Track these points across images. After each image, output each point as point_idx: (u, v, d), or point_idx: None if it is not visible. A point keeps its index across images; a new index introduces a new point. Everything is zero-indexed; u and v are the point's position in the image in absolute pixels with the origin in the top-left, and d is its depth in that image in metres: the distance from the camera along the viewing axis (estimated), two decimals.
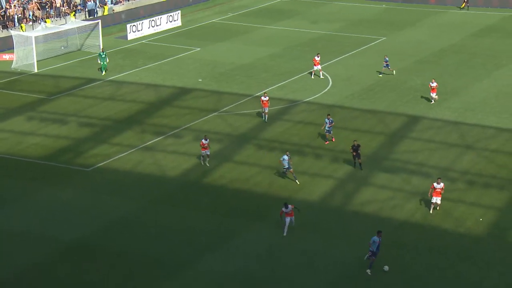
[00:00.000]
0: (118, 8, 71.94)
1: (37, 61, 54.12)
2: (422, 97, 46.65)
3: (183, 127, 42.64)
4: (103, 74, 52.63)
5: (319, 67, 50.75)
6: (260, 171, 36.48)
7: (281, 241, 29.95)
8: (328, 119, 39.05)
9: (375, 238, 27.14)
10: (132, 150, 39.45)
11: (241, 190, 34.62)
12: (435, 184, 31.33)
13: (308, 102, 46.57)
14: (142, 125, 43.17)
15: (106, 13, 69.81)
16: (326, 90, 48.93)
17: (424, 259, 28.32)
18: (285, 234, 29.92)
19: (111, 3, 71.60)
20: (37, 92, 49.35)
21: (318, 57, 50.84)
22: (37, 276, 27.61)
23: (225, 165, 37.27)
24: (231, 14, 73.45)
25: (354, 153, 35.80)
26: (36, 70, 53.79)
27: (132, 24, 64.46)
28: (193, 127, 42.72)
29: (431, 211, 31.69)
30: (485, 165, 36.82)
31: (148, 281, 27.21)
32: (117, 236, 30.53)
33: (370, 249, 27.10)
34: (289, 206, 29.90)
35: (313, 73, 51.05)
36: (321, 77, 50.63)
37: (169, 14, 68.33)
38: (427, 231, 30.58)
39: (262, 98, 42.54)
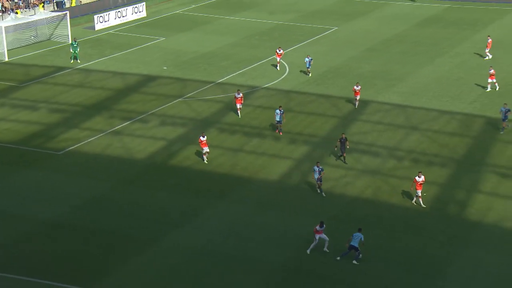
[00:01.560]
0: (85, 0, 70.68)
1: (7, 50, 52.87)
2: (371, 82, 47.20)
3: (150, 113, 42.32)
4: (71, 62, 51.78)
5: (279, 59, 50.09)
6: (223, 153, 36.51)
7: (242, 218, 30.13)
8: (279, 110, 38.35)
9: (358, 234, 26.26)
10: (101, 134, 39.02)
11: (205, 171, 34.60)
12: (416, 178, 30.58)
13: (267, 88, 46.67)
14: (110, 111, 42.68)
15: (73, 4, 68.48)
16: (283, 76, 49.08)
17: (374, 231, 28.83)
18: (308, 251, 27.17)
19: None
20: (8, 80, 48.27)
21: (280, 50, 50.16)
22: (15, 253, 27.25)
23: (189, 147, 37.18)
24: (194, 6, 72.85)
25: (341, 147, 34.65)
26: (6, 59, 52.57)
27: (99, 15, 63.44)
28: (159, 112, 42.44)
29: (414, 202, 30.90)
30: (428, 144, 37.54)
31: (120, 255, 27.13)
32: (89, 215, 30.30)
33: (352, 243, 26.05)
34: (323, 225, 26.98)
35: (278, 65, 50.08)
36: (277, 69, 50.23)
37: (134, 6, 67.45)
38: (376, 206, 31.13)
39: (236, 95, 40.80)
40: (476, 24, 63.35)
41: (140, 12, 67.55)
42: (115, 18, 64.47)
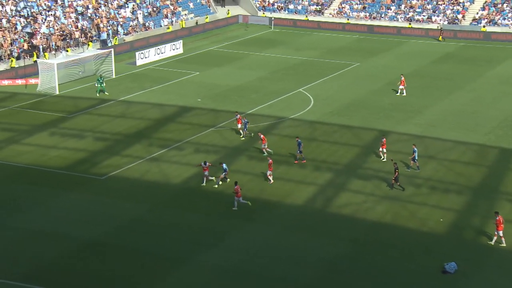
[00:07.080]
0: (128, 38, 72.18)
1: (58, 84, 54.03)
2: (390, 114, 46.97)
3: (185, 141, 42.72)
4: (97, 95, 52.62)
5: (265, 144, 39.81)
6: (252, 179, 36.53)
7: (269, 239, 30.01)
8: (297, 139, 37.59)
9: None
10: (141, 160, 39.46)
11: (231, 195, 34.46)
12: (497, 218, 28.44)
13: (293, 119, 46.78)
14: (149, 139, 43.20)
15: (116, 42, 69.97)
16: (308, 108, 49.18)
17: (392, 254, 28.44)
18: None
19: (123, 34, 71.81)
20: (58, 111, 49.29)
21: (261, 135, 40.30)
22: (57, 269, 27.56)
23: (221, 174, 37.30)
24: (226, 43, 73.76)
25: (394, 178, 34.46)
26: (57, 92, 53.73)
27: (140, 51, 64.69)
28: (193, 140, 42.82)
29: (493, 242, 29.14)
30: (445, 173, 37.06)
31: (153, 274, 27.21)
32: (128, 235, 30.51)
33: None
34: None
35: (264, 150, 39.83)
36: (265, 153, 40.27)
37: (172, 43, 68.62)
38: (395, 230, 30.74)
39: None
40: (491, 61, 62.78)
41: (177, 49, 68.64)
42: (154, 55, 65.65)
